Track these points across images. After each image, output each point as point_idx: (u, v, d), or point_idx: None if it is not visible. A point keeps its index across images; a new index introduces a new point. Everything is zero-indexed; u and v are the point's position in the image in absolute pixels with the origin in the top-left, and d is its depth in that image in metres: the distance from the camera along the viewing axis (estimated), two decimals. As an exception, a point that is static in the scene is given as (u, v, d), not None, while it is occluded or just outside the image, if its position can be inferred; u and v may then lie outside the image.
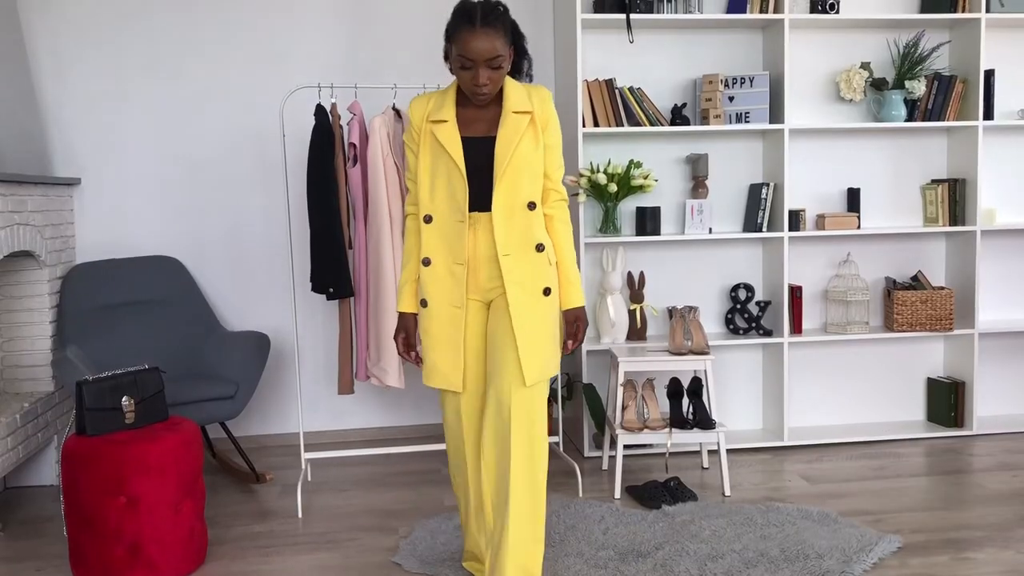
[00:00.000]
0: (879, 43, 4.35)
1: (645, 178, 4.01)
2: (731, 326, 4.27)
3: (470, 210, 2.49)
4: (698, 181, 4.19)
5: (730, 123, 4.12)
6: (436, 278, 2.54)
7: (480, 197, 2.49)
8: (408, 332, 2.65)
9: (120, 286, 4.01)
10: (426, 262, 2.54)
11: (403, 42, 4.38)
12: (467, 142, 2.49)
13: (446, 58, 2.50)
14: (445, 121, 2.49)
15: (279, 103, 4.32)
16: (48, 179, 3.78)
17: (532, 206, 2.50)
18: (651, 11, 4.03)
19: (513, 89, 2.53)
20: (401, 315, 2.65)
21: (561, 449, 3.91)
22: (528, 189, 2.50)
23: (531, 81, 2.66)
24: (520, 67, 2.62)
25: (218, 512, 3.52)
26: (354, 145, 3.57)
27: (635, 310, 4.14)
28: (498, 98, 2.54)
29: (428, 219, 2.53)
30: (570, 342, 2.60)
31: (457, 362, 2.55)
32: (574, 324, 2.61)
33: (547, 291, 2.52)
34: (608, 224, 4.10)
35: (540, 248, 2.52)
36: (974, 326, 4.25)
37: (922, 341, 4.48)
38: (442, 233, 2.52)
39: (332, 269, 3.54)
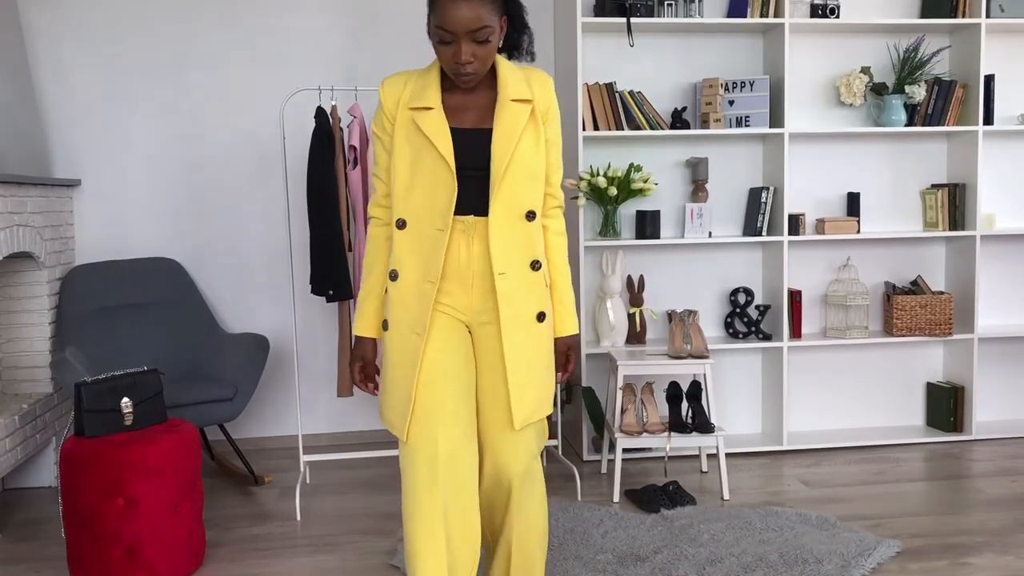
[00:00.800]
0: (879, 48, 4.35)
1: (645, 182, 4.01)
2: (730, 330, 4.27)
3: (463, 214, 2.09)
4: (698, 185, 4.20)
5: (730, 127, 4.12)
6: (400, 297, 2.11)
7: (470, 201, 2.09)
8: (366, 360, 2.23)
9: (119, 288, 4.01)
10: (393, 276, 2.12)
11: (403, 44, 4.38)
12: (455, 134, 2.08)
13: (430, 34, 2.09)
14: (430, 108, 2.06)
15: (279, 105, 4.32)
16: (48, 180, 3.78)
17: (531, 216, 2.12)
18: (651, 15, 4.03)
19: (509, 71, 2.13)
20: (358, 340, 2.23)
21: (560, 452, 3.91)
22: (529, 195, 2.11)
23: (533, 60, 2.24)
24: (519, 43, 2.18)
25: (216, 514, 3.52)
26: (354, 147, 3.57)
27: (634, 314, 4.14)
28: (490, 81, 2.14)
29: (401, 224, 2.10)
30: (560, 373, 2.26)
31: (405, 403, 2.09)
32: (565, 354, 2.26)
33: (541, 316, 2.15)
34: (608, 227, 4.10)
35: (537, 266, 2.14)
36: (974, 331, 4.25)
37: (921, 346, 4.48)
38: (416, 243, 2.09)
39: (332, 271, 3.54)
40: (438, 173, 2.06)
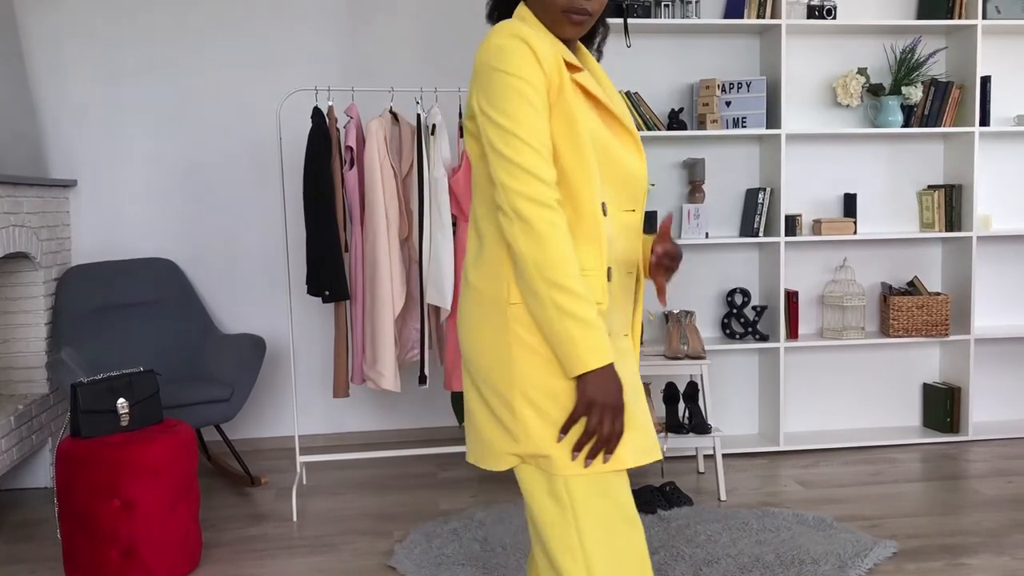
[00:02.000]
0: (876, 49, 4.36)
1: (642, 182, 4.01)
2: (727, 331, 4.27)
3: None
4: (695, 186, 4.20)
5: (727, 128, 4.12)
6: (613, 296, 1.65)
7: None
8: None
9: (116, 288, 4.00)
10: (610, 274, 1.64)
11: (400, 45, 4.38)
12: None
13: (492, 12, 1.73)
14: (581, 69, 1.62)
15: (276, 106, 4.32)
16: (44, 181, 3.78)
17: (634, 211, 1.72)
18: (648, 16, 4.03)
19: (591, 56, 1.77)
20: (609, 371, 1.51)
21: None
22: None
23: (600, 59, 1.83)
24: (594, 34, 1.78)
25: (213, 515, 3.51)
26: (351, 148, 3.56)
27: (631, 314, 4.13)
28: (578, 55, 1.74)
29: (605, 210, 1.62)
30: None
31: (648, 416, 1.64)
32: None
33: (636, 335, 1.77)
34: (605, 228, 4.09)
35: (633, 272, 1.73)
36: (970, 332, 4.26)
37: (918, 347, 4.49)
38: (614, 230, 1.65)
39: (328, 272, 3.54)
40: (617, 143, 1.63)
